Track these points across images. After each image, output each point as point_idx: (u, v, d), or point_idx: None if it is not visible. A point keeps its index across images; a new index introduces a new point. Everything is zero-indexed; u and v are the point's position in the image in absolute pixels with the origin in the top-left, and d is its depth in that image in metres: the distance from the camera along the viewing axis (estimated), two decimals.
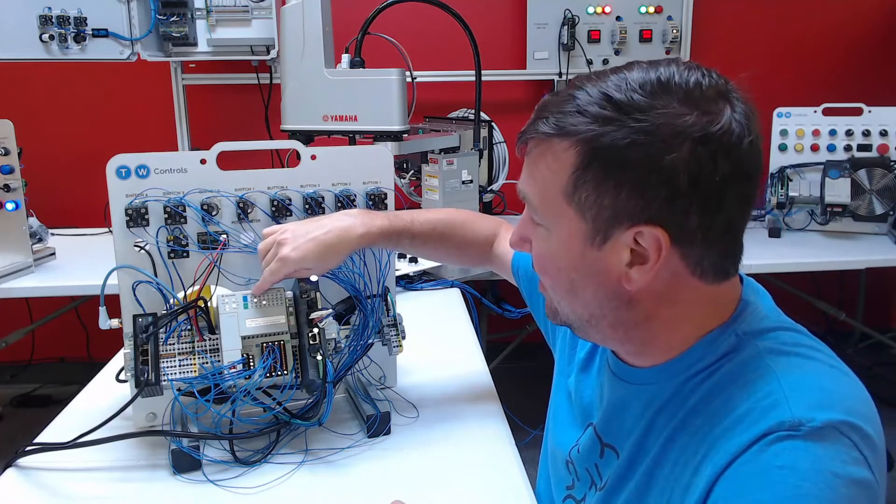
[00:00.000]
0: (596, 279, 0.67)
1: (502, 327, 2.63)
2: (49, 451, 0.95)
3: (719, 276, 0.66)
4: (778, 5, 2.84)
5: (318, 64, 1.72)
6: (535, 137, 0.67)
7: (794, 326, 0.69)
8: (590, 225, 0.65)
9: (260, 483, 0.91)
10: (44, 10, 2.17)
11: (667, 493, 0.66)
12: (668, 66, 0.63)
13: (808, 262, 2.16)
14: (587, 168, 0.63)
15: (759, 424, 0.58)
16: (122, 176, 0.96)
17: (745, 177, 0.62)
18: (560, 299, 0.73)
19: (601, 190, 0.63)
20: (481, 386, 1.18)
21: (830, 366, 0.64)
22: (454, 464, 0.96)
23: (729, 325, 0.68)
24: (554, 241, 0.68)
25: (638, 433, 0.72)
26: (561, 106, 0.65)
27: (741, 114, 0.61)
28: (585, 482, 0.81)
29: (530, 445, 1.13)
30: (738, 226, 0.65)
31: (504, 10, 2.76)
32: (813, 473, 0.54)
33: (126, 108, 2.70)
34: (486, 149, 2.26)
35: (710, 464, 0.60)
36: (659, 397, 0.70)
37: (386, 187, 1.09)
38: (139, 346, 0.89)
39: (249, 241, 1.02)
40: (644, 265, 0.64)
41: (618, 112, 0.61)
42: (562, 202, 0.66)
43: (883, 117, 2.36)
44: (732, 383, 0.64)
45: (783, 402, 0.59)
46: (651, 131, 0.60)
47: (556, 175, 0.65)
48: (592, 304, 0.69)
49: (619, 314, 0.68)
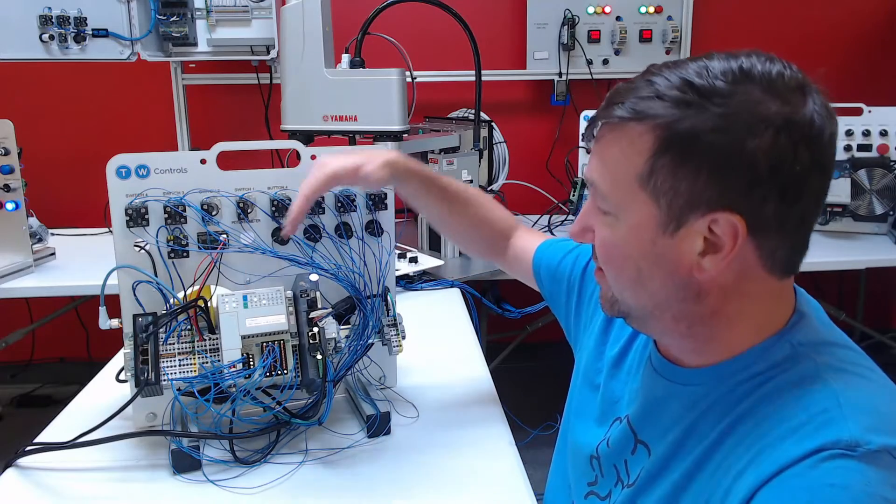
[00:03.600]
0: (666, 268, 0.66)
1: (502, 327, 2.63)
2: (49, 451, 0.95)
3: (787, 271, 0.66)
4: (777, 6, 2.84)
5: (318, 64, 1.72)
6: (609, 122, 0.66)
7: (848, 344, 0.69)
8: (664, 211, 0.63)
9: (260, 483, 0.91)
10: (44, 10, 2.16)
11: (704, 495, 0.65)
12: (748, 56, 0.62)
13: (808, 262, 2.09)
14: (665, 152, 0.62)
15: (814, 439, 0.57)
16: (122, 176, 0.96)
17: (823, 169, 0.62)
18: (623, 289, 0.71)
19: (678, 175, 0.62)
20: (481, 386, 1.18)
21: (885, 387, 0.64)
22: (454, 464, 0.96)
23: (784, 334, 0.67)
24: (623, 228, 0.67)
25: (677, 433, 0.70)
26: (637, 91, 0.64)
27: (821, 106, 0.61)
28: (611, 478, 0.80)
29: (530, 445, 1.13)
30: (811, 219, 0.65)
31: (504, 10, 2.76)
32: (864, 497, 0.53)
33: (126, 108, 2.70)
34: (486, 149, 2.25)
35: (755, 471, 0.59)
36: (705, 399, 0.69)
37: (386, 187, 1.09)
38: (139, 345, 0.89)
39: (249, 241, 1.02)
40: (717, 254, 0.63)
41: (699, 97, 0.60)
42: (635, 188, 0.64)
43: (883, 117, 2.35)
44: (788, 393, 0.63)
45: (840, 420, 0.58)
46: (732, 116, 0.59)
47: (631, 160, 0.64)
48: (660, 294, 0.67)
49: (686, 306, 0.67)
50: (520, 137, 2.64)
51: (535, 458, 1.01)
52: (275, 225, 1.04)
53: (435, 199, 1.03)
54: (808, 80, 0.63)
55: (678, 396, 0.72)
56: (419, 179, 0.99)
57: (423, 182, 1.00)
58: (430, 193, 1.02)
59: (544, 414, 1.00)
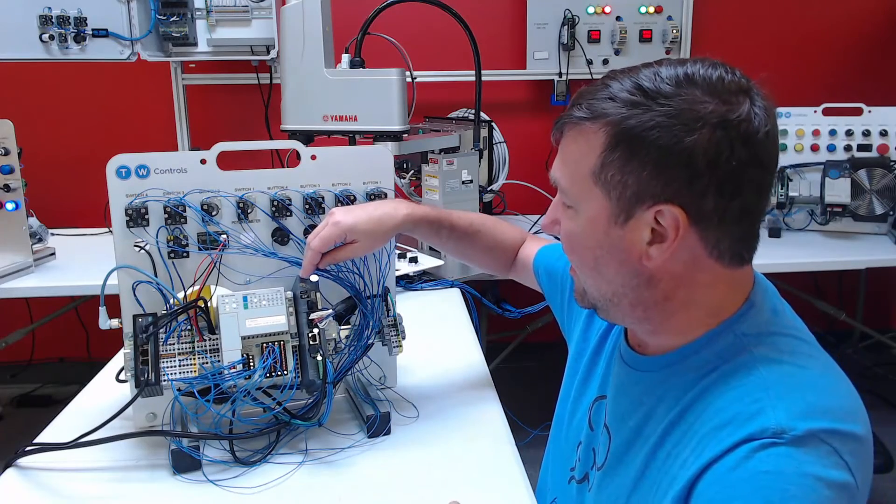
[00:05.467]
0: (619, 257, 0.70)
1: (502, 327, 2.63)
2: (49, 451, 0.95)
3: (735, 261, 0.70)
4: (777, 5, 2.84)
5: (318, 64, 1.72)
6: (570, 122, 0.71)
7: (791, 331, 0.72)
8: (614, 204, 0.68)
9: (260, 483, 0.91)
10: (44, 10, 2.17)
11: (657, 481, 0.69)
12: (694, 63, 0.67)
13: (808, 262, 2.16)
14: (614, 149, 0.67)
15: (745, 428, 0.61)
16: (122, 176, 0.96)
17: (761, 165, 0.66)
18: (586, 278, 0.76)
19: (626, 170, 0.66)
20: (481, 386, 1.18)
21: (821, 374, 0.67)
22: (454, 464, 0.96)
23: (732, 324, 0.71)
24: (581, 220, 0.72)
25: (637, 419, 0.75)
26: (594, 94, 0.69)
27: (761, 108, 0.65)
28: (587, 462, 0.84)
29: (530, 445, 1.13)
30: (754, 212, 0.68)
31: (504, 10, 2.76)
32: (797, 477, 0.58)
33: (126, 108, 2.70)
34: (486, 149, 2.26)
35: (696, 461, 0.63)
36: (661, 386, 0.74)
37: (386, 187, 1.09)
38: (139, 346, 0.89)
39: (249, 241, 1.02)
40: (663, 244, 0.67)
41: (645, 97, 0.65)
42: (590, 182, 0.70)
43: (883, 117, 2.35)
44: (724, 384, 0.67)
45: (769, 409, 0.62)
46: (673, 115, 0.64)
47: (586, 157, 0.69)
48: (616, 281, 0.72)
49: (640, 293, 0.72)
50: (520, 137, 2.64)
51: (535, 458, 1.02)
52: (275, 225, 1.04)
53: (446, 238, 1.10)
54: (753, 84, 0.67)
55: (638, 383, 0.77)
56: (427, 224, 1.06)
57: (432, 226, 1.07)
58: (440, 234, 1.09)
59: (544, 414, 1.00)
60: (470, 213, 1.14)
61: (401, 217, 1.01)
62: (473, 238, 1.13)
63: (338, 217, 0.96)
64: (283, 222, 1.04)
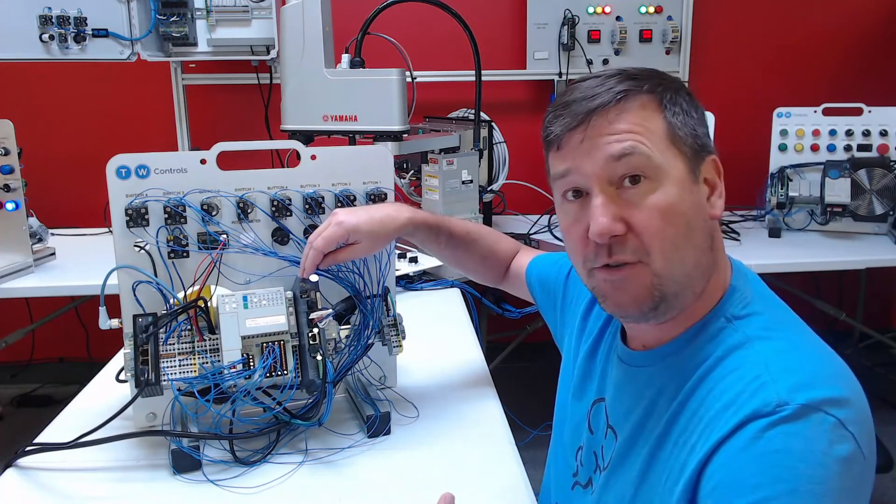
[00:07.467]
0: (701, 214, 0.71)
1: (502, 327, 2.63)
2: (49, 451, 0.95)
3: None
4: (778, 5, 2.84)
5: (318, 64, 1.72)
6: (629, 92, 0.70)
7: (775, 308, 0.73)
8: (689, 160, 0.71)
9: (260, 483, 0.91)
10: (44, 10, 2.17)
11: (666, 472, 0.69)
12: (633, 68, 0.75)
13: (808, 262, 2.16)
14: (672, 106, 0.71)
15: (748, 405, 0.62)
16: (122, 176, 0.96)
17: None
18: (672, 256, 0.69)
19: (687, 125, 0.71)
20: (481, 386, 1.18)
21: (814, 346, 0.69)
22: (454, 464, 0.96)
23: (720, 308, 0.73)
24: (670, 187, 0.69)
25: (639, 414, 0.75)
26: (600, 86, 0.71)
27: None
28: (590, 466, 0.84)
29: (530, 445, 1.13)
30: None
31: (504, 10, 2.76)
32: (807, 454, 0.58)
33: (126, 108, 2.70)
34: (486, 149, 2.25)
35: (704, 444, 0.64)
36: (659, 378, 0.74)
37: (386, 187, 1.09)
38: (139, 346, 0.89)
39: (249, 241, 1.02)
40: (714, 194, 0.73)
41: (640, 74, 0.72)
42: (667, 143, 0.70)
43: (883, 117, 2.35)
44: (724, 367, 0.68)
45: (770, 383, 0.62)
46: (669, 79, 0.73)
47: (652, 121, 0.70)
48: (701, 246, 0.71)
49: (707, 257, 0.72)
50: (520, 137, 2.64)
51: (535, 458, 1.02)
52: (275, 225, 1.04)
53: (444, 245, 1.10)
54: None
55: (638, 379, 0.78)
56: (426, 229, 1.06)
57: (431, 231, 1.07)
58: (438, 240, 1.09)
59: (544, 414, 1.00)
60: (467, 222, 1.15)
61: (403, 220, 1.01)
62: (470, 246, 1.14)
63: (341, 217, 0.96)
64: (283, 222, 1.04)
